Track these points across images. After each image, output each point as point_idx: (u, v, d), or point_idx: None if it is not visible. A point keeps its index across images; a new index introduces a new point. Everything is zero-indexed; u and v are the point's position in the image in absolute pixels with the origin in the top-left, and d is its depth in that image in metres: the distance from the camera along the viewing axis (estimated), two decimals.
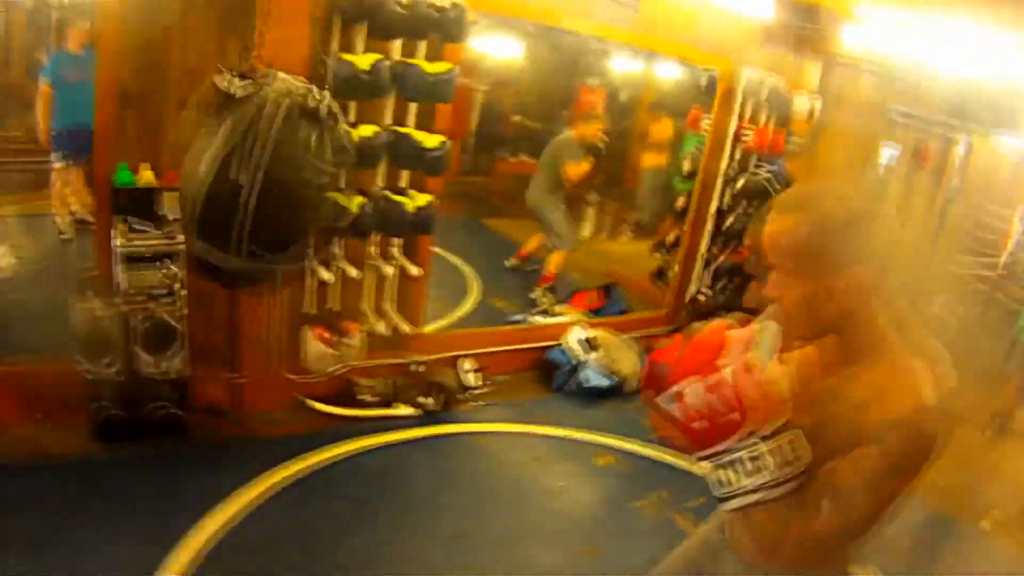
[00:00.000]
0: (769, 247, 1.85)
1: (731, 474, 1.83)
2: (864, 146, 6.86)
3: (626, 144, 11.33)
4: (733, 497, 1.85)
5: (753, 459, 1.78)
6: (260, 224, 3.82)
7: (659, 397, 1.81)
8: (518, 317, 6.84)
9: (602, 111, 7.92)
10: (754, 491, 1.81)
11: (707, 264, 6.96)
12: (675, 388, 1.77)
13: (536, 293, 7.43)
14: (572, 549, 4.27)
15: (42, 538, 3.71)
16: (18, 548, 3.62)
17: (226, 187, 3.76)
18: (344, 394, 5.23)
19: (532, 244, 8.26)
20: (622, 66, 11.37)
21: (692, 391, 1.75)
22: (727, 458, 1.82)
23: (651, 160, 10.24)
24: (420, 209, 4.82)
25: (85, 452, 4.37)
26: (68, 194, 7.33)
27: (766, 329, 1.81)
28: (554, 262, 7.61)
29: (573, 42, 8.82)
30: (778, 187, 6.36)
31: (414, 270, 5.02)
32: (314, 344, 4.85)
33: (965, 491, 5.05)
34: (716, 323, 1.87)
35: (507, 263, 8.41)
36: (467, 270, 8.09)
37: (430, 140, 4.68)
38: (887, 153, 6.88)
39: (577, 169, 7.48)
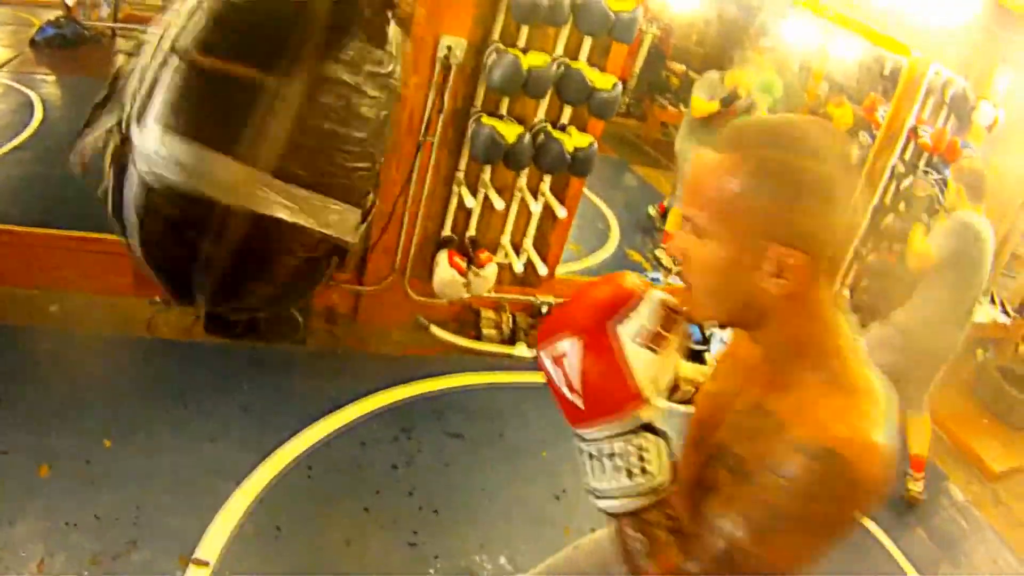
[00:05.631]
0: (690, 187, 1.37)
1: (590, 467, 1.37)
2: None
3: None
4: (596, 497, 1.39)
5: (610, 456, 1.34)
6: None
7: (540, 347, 1.42)
8: (655, 276, 6.50)
9: (762, 60, 7.00)
10: (603, 496, 1.36)
11: (855, 259, 6.51)
12: (556, 341, 1.38)
13: (660, 251, 7.07)
14: None
15: (143, 421, 3.66)
16: (118, 428, 3.57)
17: None
18: (466, 324, 5.09)
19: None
20: (799, 36, 10.91)
21: (573, 351, 1.35)
22: (592, 446, 1.37)
23: None
24: (579, 149, 4.50)
25: (195, 339, 4.30)
26: None
27: (647, 299, 1.35)
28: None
29: (754, 2, 8.48)
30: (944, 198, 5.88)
31: (561, 211, 4.73)
32: (446, 268, 4.64)
33: None
34: (625, 274, 1.40)
35: (649, 210, 8.01)
36: (609, 215, 7.77)
37: (602, 80, 4.36)
38: None
39: (702, 105, 6.49)
